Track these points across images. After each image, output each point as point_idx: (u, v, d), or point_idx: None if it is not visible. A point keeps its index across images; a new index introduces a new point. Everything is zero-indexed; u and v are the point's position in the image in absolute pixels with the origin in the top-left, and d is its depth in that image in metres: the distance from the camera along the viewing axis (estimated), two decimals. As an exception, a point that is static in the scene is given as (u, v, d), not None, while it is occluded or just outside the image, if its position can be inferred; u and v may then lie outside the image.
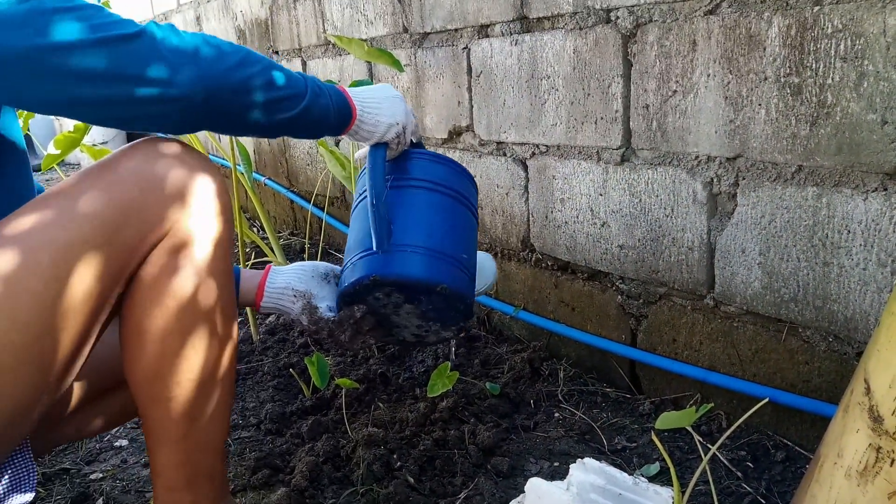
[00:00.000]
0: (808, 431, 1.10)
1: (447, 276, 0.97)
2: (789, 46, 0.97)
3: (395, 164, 1.05)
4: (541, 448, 1.22)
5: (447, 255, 0.99)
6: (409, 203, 1.03)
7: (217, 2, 2.82)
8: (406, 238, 0.99)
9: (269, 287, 1.06)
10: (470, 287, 1.02)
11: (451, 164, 1.08)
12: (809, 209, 1.00)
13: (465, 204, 1.06)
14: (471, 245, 1.06)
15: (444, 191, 1.04)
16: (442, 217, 1.03)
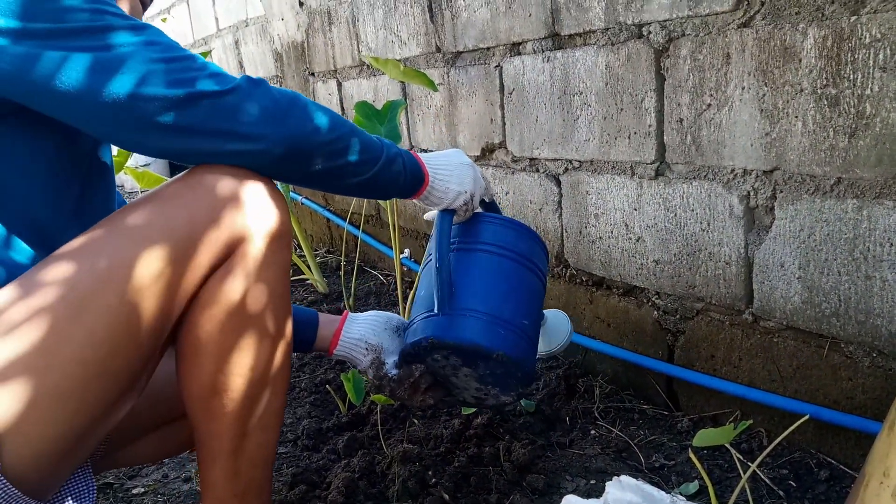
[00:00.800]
0: (852, 449, 1.07)
1: (504, 343, 0.97)
2: (825, 57, 0.96)
3: (463, 226, 1.07)
4: (577, 465, 1.21)
5: (507, 320, 0.99)
6: (473, 266, 1.04)
7: (255, 26, 2.89)
8: (468, 302, 0.99)
9: (344, 336, 1.08)
10: (529, 353, 1.01)
11: (519, 228, 1.08)
12: (850, 222, 0.98)
13: (530, 268, 1.06)
14: (533, 310, 1.05)
15: (508, 255, 1.04)
16: (504, 281, 1.03)
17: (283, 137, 0.79)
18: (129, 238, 0.75)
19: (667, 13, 1.15)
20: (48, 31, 0.72)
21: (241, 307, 0.83)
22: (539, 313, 1.08)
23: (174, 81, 0.74)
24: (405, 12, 1.83)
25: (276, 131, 0.79)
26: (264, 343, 0.85)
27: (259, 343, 0.84)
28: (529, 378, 1.03)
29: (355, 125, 0.90)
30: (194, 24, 3.73)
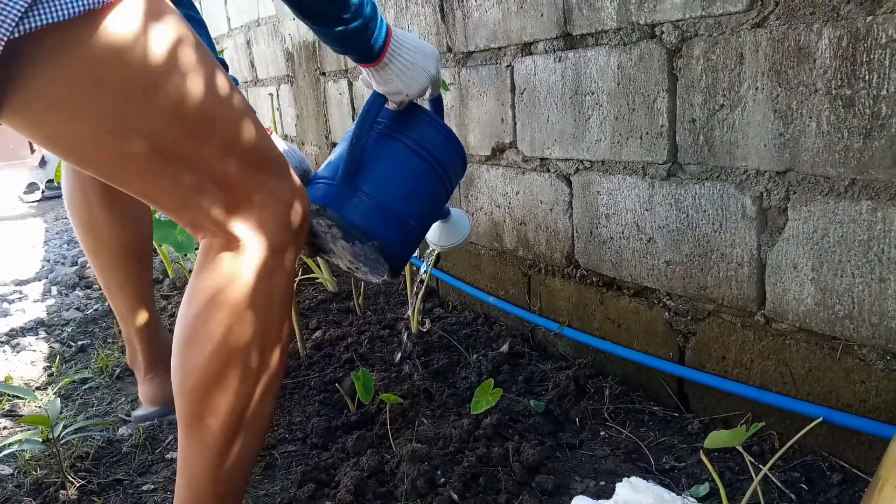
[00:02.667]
0: (865, 453, 1.07)
1: (383, 234, 1.03)
2: (840, 58, 0.95)
3: (399, 113, 1.10)
4: (586, 466, 1.20)
5: (395, 215, 1.04)
6: (387, 155, 1.08)
7: (266, 26, 2.90)
8: (366, 186, 1.04)
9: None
10: (403, 250, 1.07)
11: (445, 134, 1.12)
12: (864, 223, 0.98)
13: (439, 174, 1.10)
14: (426, 213, 1.11)
15: (424, 156, 1.08)
16: (409, 179, 1.08)
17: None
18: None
19: (680, 13, 1.15)
20: None
21: (244, 310, 0.84)
22: (431, 218, 1.13)
23: None
24: (416, 12, 1.84)
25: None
26: (266, 343, 0.86)
27: (260, 343, 0.85)
28: (396, 272, 1.09)
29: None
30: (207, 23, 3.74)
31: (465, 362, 1.62)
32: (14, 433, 1.54)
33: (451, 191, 1.15)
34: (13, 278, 3.00)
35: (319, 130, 2.62)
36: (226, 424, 0.86)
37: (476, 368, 1.57)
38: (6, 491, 1.32)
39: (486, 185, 1.73)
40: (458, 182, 1.17)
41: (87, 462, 1.39)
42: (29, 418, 1.28)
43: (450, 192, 1.14)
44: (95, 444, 1.45)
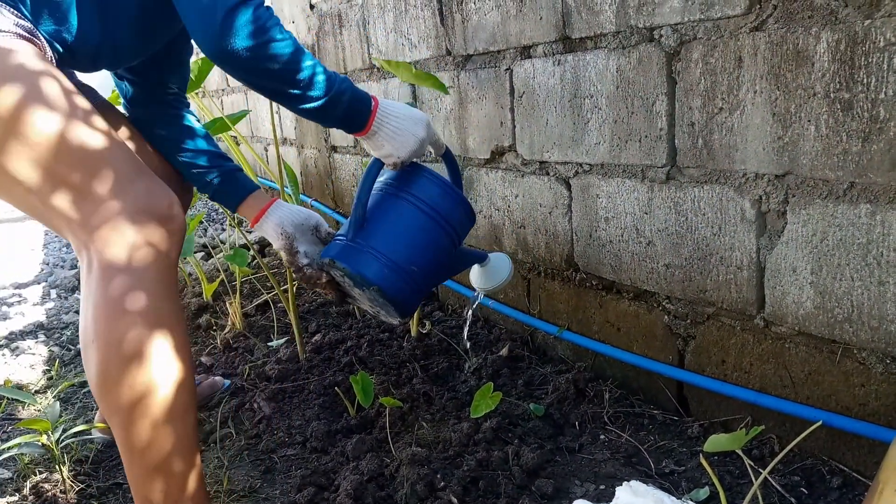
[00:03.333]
0: (865, 457, 1.06)
1: (384, 280, 1.16)
2: (839, 61, 0.95)
3: (402, 173, 1.24)
4: (586, 470, 1.20)
5: (395, 262, 1.17)
6: (390, 210, 1.21)
7: (266, 29, 2.90)
8: (369, 238, 1.18)
9: (266, 218, 1.31)
10: (407, 294, 1.19)
11: (445, 189, 1.24)
12: (863, 227, 0.98)
13: (441, 224, 1.22)
14: (428, 259, 1.21)
15: (424, 208, 1.21)
16: (409, 230, 1.20)
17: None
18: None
19: (678, 17, 1.15)
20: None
21: (92, 317, 0.98)
22: (437, 264, 1.24)
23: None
24: (416, 15, 1.84)
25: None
26: (124, 340, 0.97)
27: (120, 342, 0.97)
28: (404, 313, 1.23)
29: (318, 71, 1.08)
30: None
31: (465, 366, 1.62)
32: (13, 437, 1.53)
33: (458, 238, 1.27)
34: (12, 281, 3.00)
35: (319, 134, 2.62)
36: (122, 420, 0.98)
37: (476, 373, 1.57)
38: (5, 495, 1.31)
39: (485, 188, 1.73)
40: (465, 230, 1.29)
41: (86, 466, 1.39)
42: (28, 422, 1.28)
43: (455, 239, 1.26)
44: (95, 448, 1.45)
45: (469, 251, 1.36)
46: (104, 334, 0.96)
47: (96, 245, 0.97)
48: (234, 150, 1.89)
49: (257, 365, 1.75)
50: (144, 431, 0.98)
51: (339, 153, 2.50)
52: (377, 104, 1.16)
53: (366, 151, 2.29)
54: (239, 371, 1.74)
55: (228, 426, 1.49)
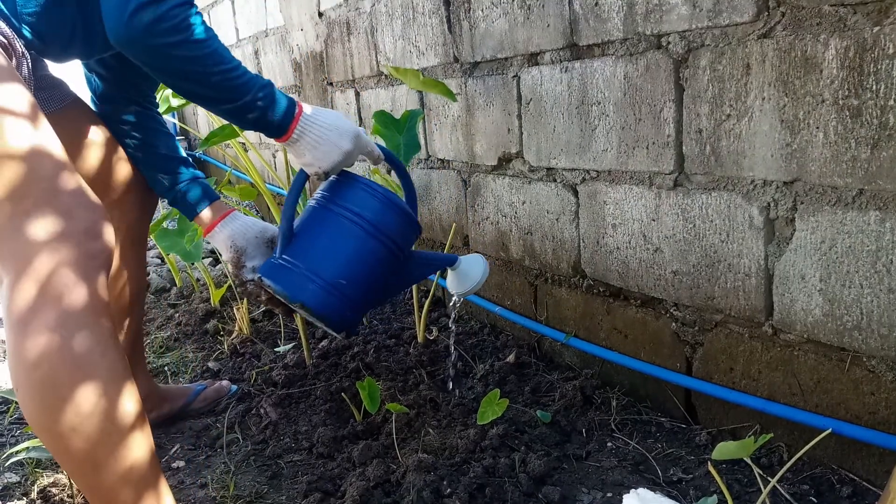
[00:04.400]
0: (875, 466, 1.06)
1: (309, 296, 1.12)
2: (847, 68, 0.95)
3: (333, 183, 1.21)
4: (593, 478, 1.20)
5: (322, 277, 1.13)
6: (316, 222, 1.18)
7: (274, 37, 2.92)
8: (293, 253, 1.15)
9: (219, 229, 1.31)
10: (338, 309, 1.14)
11: (378, 197, 1.19)
12: (872, 234, 0.97)
13: (372, 234, 1.17)
14: (358, 271, 1.16)
15: (353, 218, 1.16)
16: (336, 242, 1.16)
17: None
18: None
19: (686, 24, 1.15)
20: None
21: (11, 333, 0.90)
22: (373, 276, 1.18)
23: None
24: (423, 23, 1.84)
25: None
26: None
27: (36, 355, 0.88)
28: (338, 327, 1.18)
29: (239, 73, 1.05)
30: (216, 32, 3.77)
31: (472, 372, 1.62)
32: (21, 441, 1.54)
33: (398, 247, 1.21)
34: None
35: (327, 140, 2.63)
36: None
37: (483, 379, 1.57)
38: (13, 499, 1.32)
39: (492, 194, 1.74)
40: (406, 238, 1.23)
41: (93, 471, 1.39)
42: (36, 427, 1.29)
43: (394, 248, 1.20)
44: (102, 453, 1.45)
45: (434, 256, 1.33)
46: (23, 384, 0.88)
47: (8, 273, 0.89)
48: (242, 157, 1.90)
49: (264, 370, 1.76)
50: (84, 472, 0.91)
51: (347, 160, 2.51)
52: (301, 111, 1.12)
53: (373, 158, 2.30)
54: (246, 376, 1.74)
55: (235, 431, 1.49)
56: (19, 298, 0.88)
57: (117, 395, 0.91)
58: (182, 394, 1.60)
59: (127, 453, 0.92)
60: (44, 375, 0.87)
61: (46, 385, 0.87)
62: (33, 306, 0.88)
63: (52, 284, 0.88)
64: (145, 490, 0.94)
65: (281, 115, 1.10)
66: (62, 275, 0.89)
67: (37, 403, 0.88)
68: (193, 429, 1.54)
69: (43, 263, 0.89)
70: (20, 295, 0.88)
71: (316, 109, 1.15)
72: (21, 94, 0.93)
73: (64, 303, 0.89)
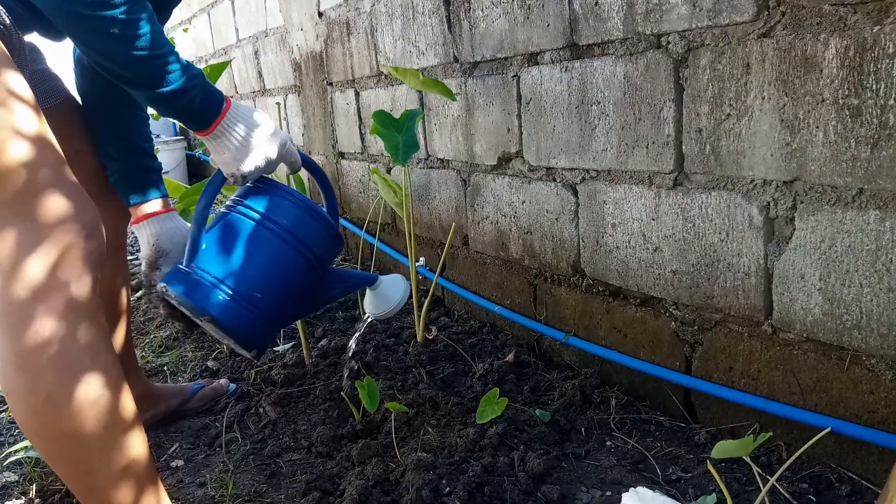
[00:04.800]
0: (874, 464, 1.06)
1: (220, 309, 1.03)
2: (847, 67, 0.95)
3: (251, 188, 1.13)
4: (592, 477, 1.20)
5: (234, 289, 1.04)
6: (228, 230, 1.09)
7: (274, 37, 2.92)
8: (205, 263, 1.06)
9: (146, 224, 1.27)
10: (251, 325, 1.05)
11: (297, 203, 1.12)
12: (872, 233, 0.97)
13: (291, 243, 1.10)
14: (276, 284, 1.09)
15: (270, 226, 1.09)
16: (249, 251, 1.07)
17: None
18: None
19: (686, 23, 1.15)
20: None
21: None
22: (288, 290, 1.10)
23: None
24: (423, 23, 1.85)
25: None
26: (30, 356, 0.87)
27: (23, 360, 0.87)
28: (248, 345, 1.07)
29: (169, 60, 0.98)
30: (214, 34, 3.77)
31: (471, 371, 1.62)
32: (20, 440, 1.54)
33: (318, 260, 1.14)
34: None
35: (326, 140, 2.63)
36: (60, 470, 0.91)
37: (482, 379, 1.57)
38: (11, 498, 1.32)
39: (491, 194, 1.74)
40: (327, 251, 1.16)
41: (92, 469, 1.39)
42: (35, 425, 1.28)
43: (313, 261, 1.13)
44: (101, 452, 1.45)
45: (353, 273, 1.26)
46: (16, 387, 0.87)
47: (5, 266, 0.86)
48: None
49: (263, 370, 1.75)
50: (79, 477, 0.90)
51: (347, 159, 2.51)
52: (229, 106, 1.06)
53: (373, 158, 2.30)
54: (245, 375, 1.74)
55: (234, 430, 1.49)
56: (19, 286, 0.85)
57: (114, 396, 0.90)
58: (178, 392, 1.60)
59: (123, 455, 0.91)
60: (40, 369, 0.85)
61: (42, 385, 0.85)
62: (35, 295, 0.85)
63: (58, 273, 0.86)
64: (142, 491, 0.93)
65: (208, 106, 1.04)
66: (68, 265, 0.88)
67: (31, 405, 0.86)
68: (192, 428, 1.53)
69: (48, 252, 0.86)
70: (21, 283, 0.85)
71: (246, 109, 1.09)
72: (23, 84, 0.92)
73: (71, 291, 0.87)
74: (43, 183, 0.88)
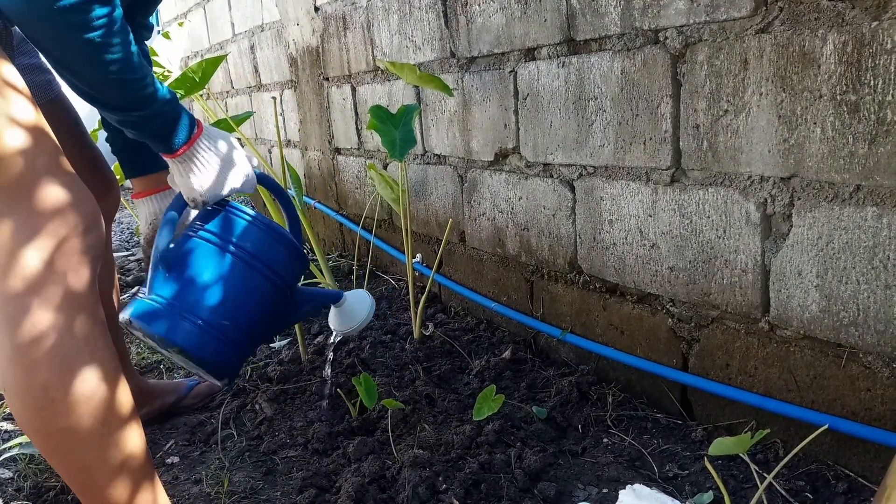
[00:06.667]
0: (871, 462, 1.06)
1: (185, 338, 1.00)
2: (845, 63, 0.95)
3: (208, 213, 1.11)
4: (589, 474, 1.20)
5: (199, 317, 1.02)
6: (192, 256, 1.06)
7: (270, 31, 2.90)
8: (168, 291, 1.03)
9: (146, 200, 1.27)
10: (220, 353, 1.03)
11: (258, 225, 1.10)
12: (869, 230, 0.97)
13: (257, 268, 1.08)
14: (244, 311, 1.07)
15: (233, 251, 1.07)
16: (214, 277, 1.05)
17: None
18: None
19: (683, 19, 1.14)
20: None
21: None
22: (257, 314, 1.09)
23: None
24: (420, 18, 1.84)
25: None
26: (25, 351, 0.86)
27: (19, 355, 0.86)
28: (219, 374, 1.05)
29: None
30: (210, 29, 3.75)
31: (468, 368, 1.62)
32: (15, 437, 1.53)
33: (284, 282, 1.13)
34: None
35: (322, 136, 2.62)
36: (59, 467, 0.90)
37: (478, 375, 1.56)
38: (6, 495, 1.31)
39: (488, 190, 1.73)
40: (292, 272, 1.14)
41: (87, 466, 1.38)
42: (29, 422, 1.28)
43: (280, 284, 1.12)
44: (96, 449, 1.44)
45: (318, 292, 1.24)
46: (12, 381, 0.86)
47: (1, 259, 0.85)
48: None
49: (259, 366, 1.75)
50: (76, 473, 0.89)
51: (343, 155, 2.50)
52: (200, 131, 1.05)
53: (369, 154, 2.29)
54: (241, 372, 1.73)
55: (230, 427, 1.49)
56: (15, 279, 0.84)
57: (110, 391, 0.89)
58: (173, 389, 1.59)
59: (119, 450, 0.90)
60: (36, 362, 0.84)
61: (38, 380, 0.85)
62: (32, 287, 0.85)
63: (54, 266, 0.86)
64: (138, 487, 0.93)
65: (178, 131, 1.02)
66: (65, 257, 0.87)
67: (27, 400, 0.86)
68: (188, 424, 1.53)
69: (44, 244, 0.85)
70: (16, 275, 0.84)
71: (216, 133, 1.08)
72: (16, 74, 0.91)
73: (67, 284, 0.86)
74: (40, 174, 0.87)
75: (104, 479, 0.90)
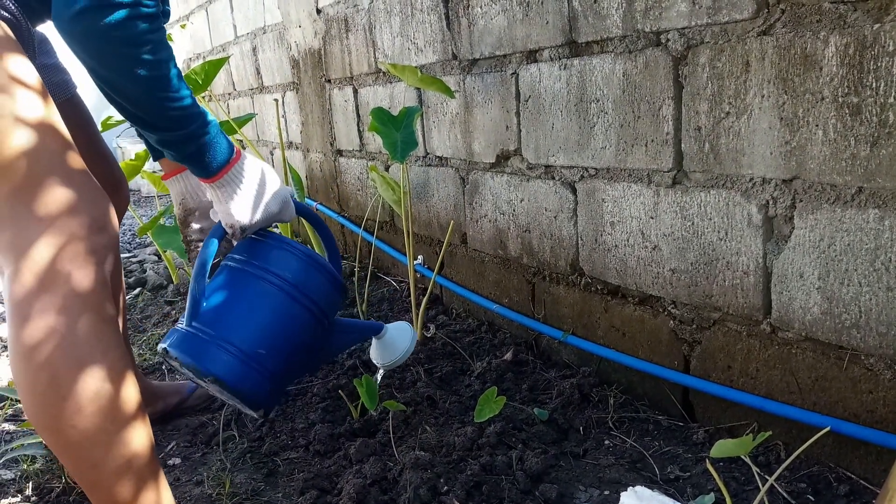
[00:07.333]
0: (873, 464, 1.05)
1: (223, 368, 0.99)
2: (847, 65, 0.95)
3: (249, 242, 1.10)
4: (590, 476, 1.20)
5: (237, 346, 1.01)
6: (231, 286, 1.05)
7: (272, 33, 2.91)
8: (205, 321, 1.02)
9: (175, 179, 1.26)
10: (256, 382, 1.02)
11: (298, 255, 1.09)
12: (871, 232, 0.97)
13: (295, 297, 1.07)
14: (279, 340, 1.06)
15: (273, 280, 1.06)
16: (253, 307, 1.04)
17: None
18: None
19: (685, 21, 1.15)
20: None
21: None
22: (293, 344, 1.08)
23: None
24: (422, 20, 1.84)
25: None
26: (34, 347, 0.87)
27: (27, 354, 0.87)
28: (255, 405, 1.04)
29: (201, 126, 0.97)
30: (213, 31, 3.76)
31: (469, 370, 1.62)
32: (16, 438, 1.53)
33: (324, 313, 1.11)
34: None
35: (324, 137, 2.63)
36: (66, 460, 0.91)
37: (480, 377, 1.56)
38: (8, 496, 1.31)
39: (490, 192, 1.73)
40: (330, 303, 1.13)
41: (89, 467, 1.38)
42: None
43: (318, 314, 1.11)
44: (97, 450, 1.44)
45: (358, 323, 1.23)
46: (22, 374, 0.87)
47: (10, 261, 0.86)
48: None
49: (261, 368, 1.75)
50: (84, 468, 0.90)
51: (345, 157, 2.51)
52: (238, 157, 1.05)
53: (371, 155, 2.29)
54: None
55: (231, 429, 1.49)
56: (24, 280, 0.85)
57: (117, 389, 0.90)
58: (177, 391, 1.59)
59: (126, 448, 0.91)
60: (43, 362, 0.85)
61: (46, 378, 0.86)
62: (38, 288, 0.86)
63: (58, 266, 0.86)
64: (144, 485, 0.93)
65: (217, 154, 1.02)
66: (70, 257, 0.87)
67: (36, 398, 0.87)
68: (189, 426, 1.53)
69: (48, 245, 0.86)
70: (23, 276, 0.85)
71: (253, 161, 1.07)
72: (28, 69, 0.91)
73: (71, 285, 0.87)
74: (48, 173, 0.87)
75: (112, 476, 0.91)
